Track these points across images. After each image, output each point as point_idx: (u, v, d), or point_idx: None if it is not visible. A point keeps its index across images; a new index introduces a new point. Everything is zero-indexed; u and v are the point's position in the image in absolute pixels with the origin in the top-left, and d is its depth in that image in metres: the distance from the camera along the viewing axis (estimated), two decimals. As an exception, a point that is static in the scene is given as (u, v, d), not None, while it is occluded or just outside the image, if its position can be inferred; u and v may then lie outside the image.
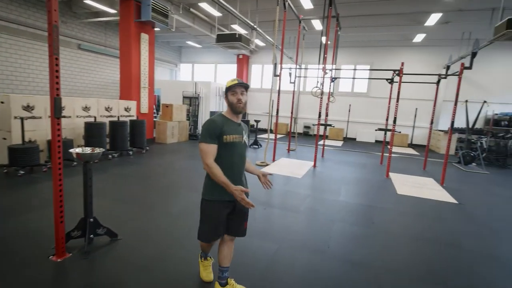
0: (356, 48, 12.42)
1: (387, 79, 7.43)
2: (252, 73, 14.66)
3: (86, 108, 6.07)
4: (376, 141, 12.56)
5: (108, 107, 6.60)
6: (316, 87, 5.92)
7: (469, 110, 8.51)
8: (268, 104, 12.70)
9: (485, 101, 7.87)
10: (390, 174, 6.15)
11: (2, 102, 4.71)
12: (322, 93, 5.95)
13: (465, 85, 11.09)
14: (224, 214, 1.89)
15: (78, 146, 5.91)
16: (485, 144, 8.21)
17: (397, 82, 7.47)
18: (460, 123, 11.34)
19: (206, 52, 15.42)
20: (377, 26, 9.48)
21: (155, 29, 8.57)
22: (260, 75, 14.58)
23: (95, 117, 5.84)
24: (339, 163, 7.32)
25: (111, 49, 11.41)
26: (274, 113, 6.73)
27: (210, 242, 2.02)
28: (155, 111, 10.46)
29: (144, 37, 7.90)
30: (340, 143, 11.34)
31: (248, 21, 7.44)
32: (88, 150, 2.62)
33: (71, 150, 2.52)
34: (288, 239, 3.01)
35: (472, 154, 7.82)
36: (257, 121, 9.43)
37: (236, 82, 1.83)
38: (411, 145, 11.65)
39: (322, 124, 6.36)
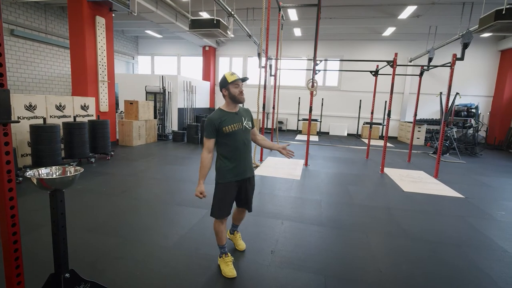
0: (326, 41, 12.26)
1: (371, 71, 7.26)
2: (219, 66, 13.75)
3: (30, 107, 4.78)
4: (348, 134, 12.67)
5: (60, 105, 5.34)
6: (311, 80, 5.41)
7: (439, 102, 8.81)
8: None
9: (457, 93, 8.15)
10: (384, 169, 5.98)
11: None
12: (315, 86, 5.47)
13: (430, 79, 11.70)
14: (233, 194, 2.20)
15: (22, 156, 4.65)
16: (455, 134, 8.57)
17: (387, 74, 7.39)
18: (426, 114, 11.97)
19: (167, 43, 14.07)
20: (353, 18, 9.31)
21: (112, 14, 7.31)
22: (228, 68, 13.73)
23: (44, 118, 4.60)
24: (327, 160, 6.98)
25: (54, 37, 9.63)
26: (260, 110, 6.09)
27: (222, 217, 2.18)
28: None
29: (100, 21, 6.63)
30: (316, 138, 11.13)
31: (226, 6, 6.64)
32: (56, 171, 1.74)
33: (28, 174, 1.62)
34: (329, 264, 2.44)
35: (446, 145, 8.09)
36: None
37: (236, 77, 2.07)
38: (381, 137, 11.92)
39: (313, 120, 5.88)
